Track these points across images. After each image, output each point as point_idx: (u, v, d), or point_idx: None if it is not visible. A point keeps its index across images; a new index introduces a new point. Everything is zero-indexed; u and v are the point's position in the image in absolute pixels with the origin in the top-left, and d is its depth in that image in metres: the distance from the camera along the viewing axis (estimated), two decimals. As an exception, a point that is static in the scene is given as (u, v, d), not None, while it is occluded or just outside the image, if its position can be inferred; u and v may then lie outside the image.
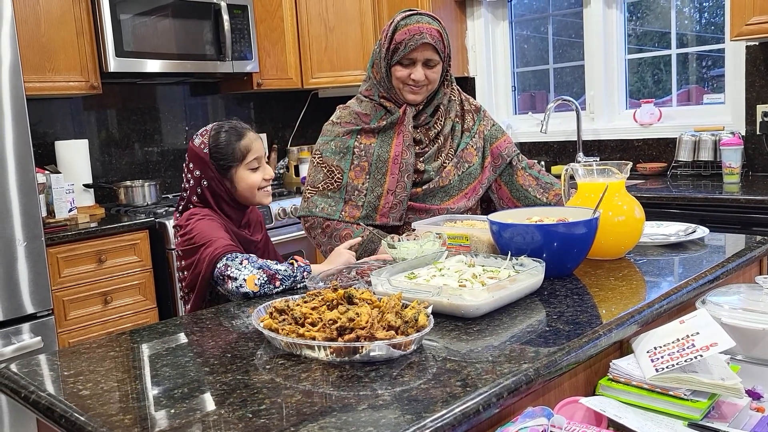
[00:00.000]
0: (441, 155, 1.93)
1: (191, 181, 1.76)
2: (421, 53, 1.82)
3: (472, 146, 1.96)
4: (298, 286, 1.56)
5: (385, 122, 1.89)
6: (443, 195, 1.91)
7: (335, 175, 1.89)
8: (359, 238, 1.84)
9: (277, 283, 1.54)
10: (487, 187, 2.01)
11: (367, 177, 1.87)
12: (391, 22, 1.87)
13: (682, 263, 1.58)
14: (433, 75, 1.86)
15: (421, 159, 1.92)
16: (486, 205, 2.09)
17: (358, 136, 1.91)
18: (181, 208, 1.79)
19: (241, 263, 1.55)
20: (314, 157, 1.94)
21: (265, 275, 1.53)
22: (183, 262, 1.71)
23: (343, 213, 1.88)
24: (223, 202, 1.76)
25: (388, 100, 1.91)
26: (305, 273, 1.57)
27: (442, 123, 1.94)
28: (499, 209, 2.00)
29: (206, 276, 1.61)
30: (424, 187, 1.90)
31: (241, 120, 1.86)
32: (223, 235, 1.66)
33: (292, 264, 1.59)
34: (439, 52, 1.84)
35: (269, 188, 1.79)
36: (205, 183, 1.73)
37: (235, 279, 1.53)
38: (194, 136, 1.77)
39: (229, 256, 1.58)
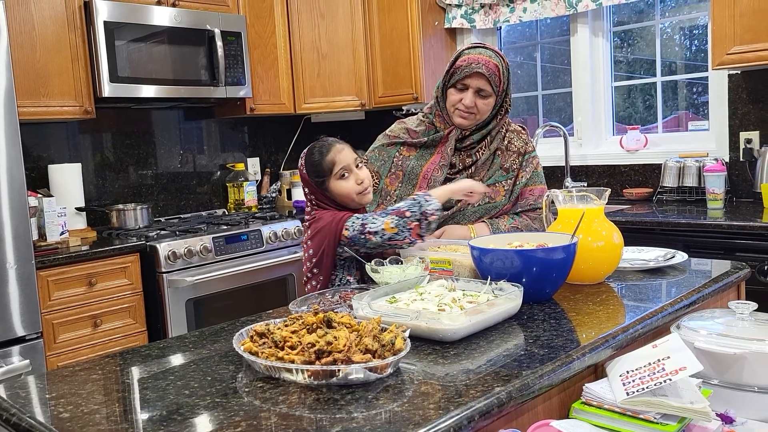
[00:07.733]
0: None
1: (308, 204, 1.88)
2: (474, 81, 1.93)
3: (503, 187, 2.03)
4: (428, 208, 1.71)
5: (427, 139, 2.04)
6: (461, 217, 2.01)
7: (373, 179, 2.02)
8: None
9: (408, 214, 1.71)
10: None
11: (399, 185, 2.04)
12: (458, 51, 2.00)
13: (659, 288, 1.60)
14: (483, 105, 1.96)
15: (449, 183, 1.99)
16: None
17: (401, 148, 2.08)
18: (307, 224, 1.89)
19: (373, 218, 1.73)
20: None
21: (395, 216, 1.71)
22: (310, 242, 1.82)
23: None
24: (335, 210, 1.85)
25: (441, 121, 2.04)
26: (426, 197, 1.72)
27: (481, 153, 2.03)
28: None
29: (333, 240, 1.75)
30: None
31: (235, 143, 1.92)
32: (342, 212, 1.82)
33: (412, 198, 1.75)
34: (493, 85, 1.94)
35: (366, 188, 1.85)
36: (312, 197, 1.85)
37: (376, 232, 1.71)
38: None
39: (354, 218, 1.75)
